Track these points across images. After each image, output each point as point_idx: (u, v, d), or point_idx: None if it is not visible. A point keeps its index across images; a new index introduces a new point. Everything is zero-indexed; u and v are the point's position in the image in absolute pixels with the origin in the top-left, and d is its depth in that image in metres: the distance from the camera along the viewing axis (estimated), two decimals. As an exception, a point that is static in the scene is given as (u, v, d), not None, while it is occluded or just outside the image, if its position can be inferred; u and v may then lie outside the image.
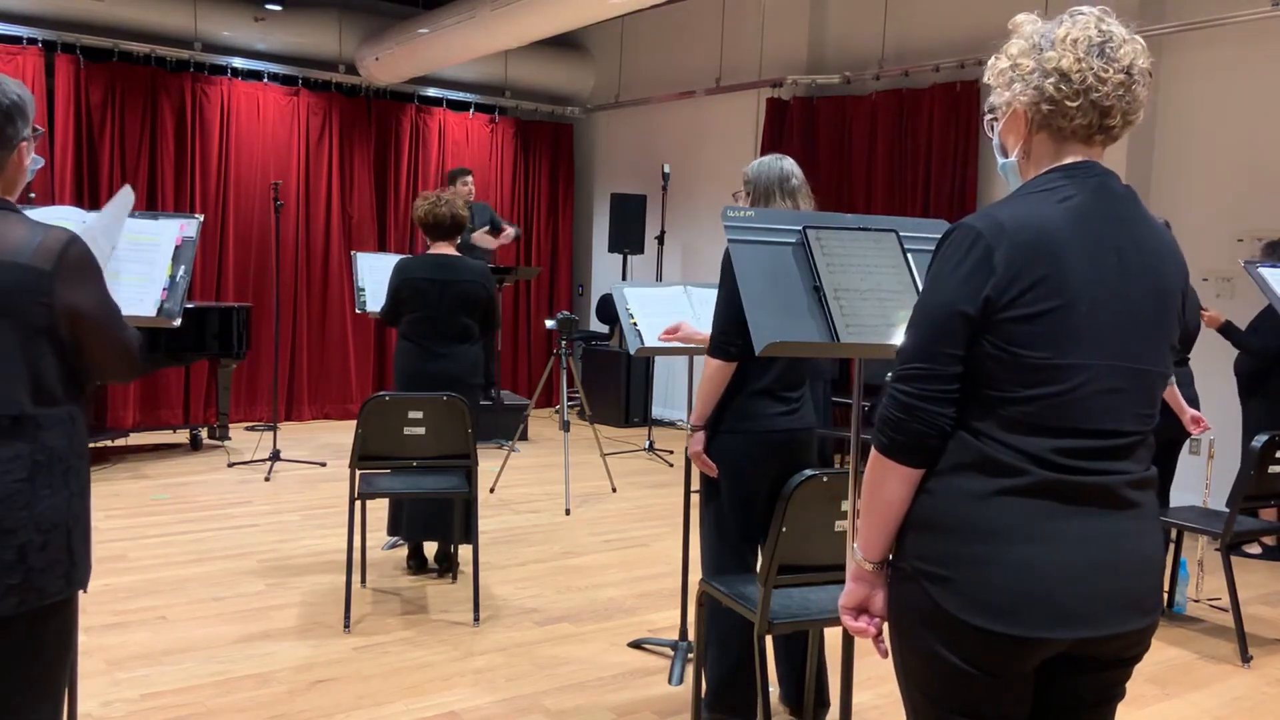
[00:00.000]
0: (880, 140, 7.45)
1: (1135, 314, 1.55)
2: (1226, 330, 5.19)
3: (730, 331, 2.96)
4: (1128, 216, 1.58)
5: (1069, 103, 1.53)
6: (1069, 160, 1.58)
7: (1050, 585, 1.49)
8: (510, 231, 8.36)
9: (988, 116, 1.68)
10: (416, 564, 4.70)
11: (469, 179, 7.99)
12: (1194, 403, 4.38)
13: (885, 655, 1.68)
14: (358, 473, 4.00)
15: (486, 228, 8.23)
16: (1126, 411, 1.54)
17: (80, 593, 1.92)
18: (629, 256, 9.01)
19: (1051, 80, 1.53)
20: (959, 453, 1.54)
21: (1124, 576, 1.53)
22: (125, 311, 2.61)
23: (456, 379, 4.48)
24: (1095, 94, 1.52)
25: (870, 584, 1.65)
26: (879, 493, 1.58)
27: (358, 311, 5.79)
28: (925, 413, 1.52)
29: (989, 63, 1.64)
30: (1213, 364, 5.68)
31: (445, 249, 4.62)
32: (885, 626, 1.67)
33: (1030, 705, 1.59)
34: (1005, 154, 1.66)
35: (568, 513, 5.91)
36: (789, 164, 3.10)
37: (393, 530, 4.81)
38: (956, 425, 1.54)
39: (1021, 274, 1.49)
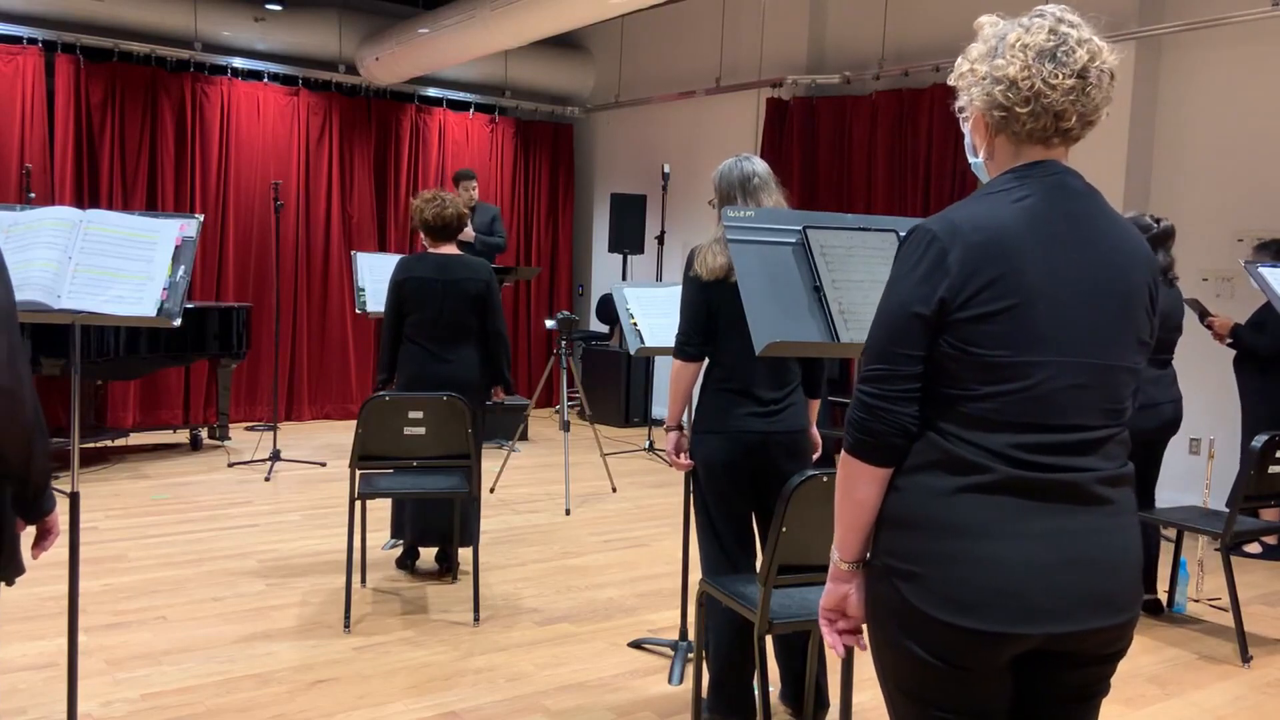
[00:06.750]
0: (880, 140, 7.43)
1: (1098, 310, 1.57)
2: (1236, 335, 5.13)
3: (688, 332, 3.05)
4: (1087, 214, 1.59)
5: (1019, 109, 1.55)
6: (1027, 161, 1.60)
7: (1017, 581, 1.51)
8: (470, 233, 7.70)
9: (960, 116, 1.70)
10: (411, 563, 4.69)
11: (473, 183, 7.93)
12: (1177, 405, 4.34)
13: (864, 648, 1.70)
14: (358, 473, 4.01)
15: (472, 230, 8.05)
16: (1092, 407, 1.56)
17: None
18: (629, 256, 9.01)
19: (1000, 88, 1.56)
20: (925, 451, 1.57)
21: (1094, 573, 1.54)
22: (124, 311, 2.61)
23: (466, 384, 4.40)
24: (1045, 99, 1.54)
25: (847, 583, 1.68)
26: (850, 493, 1.62)
27: (358, 312, 5.80)
28: (887, 412, 1.56)
29: (956, 63, 1.66)
30: (1214, 364, 5.68)
31: (448, 249, 4.59)
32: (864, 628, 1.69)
33: (1008, 700, 1.61)
34: (975, 153, 1.69)
35: (568, 513, 5.91)
36: (750, 165, 3.07)
37: (396, 533, 4.78)
38: (923, 424, 1.57)
39: (976, 274, 1.52)
